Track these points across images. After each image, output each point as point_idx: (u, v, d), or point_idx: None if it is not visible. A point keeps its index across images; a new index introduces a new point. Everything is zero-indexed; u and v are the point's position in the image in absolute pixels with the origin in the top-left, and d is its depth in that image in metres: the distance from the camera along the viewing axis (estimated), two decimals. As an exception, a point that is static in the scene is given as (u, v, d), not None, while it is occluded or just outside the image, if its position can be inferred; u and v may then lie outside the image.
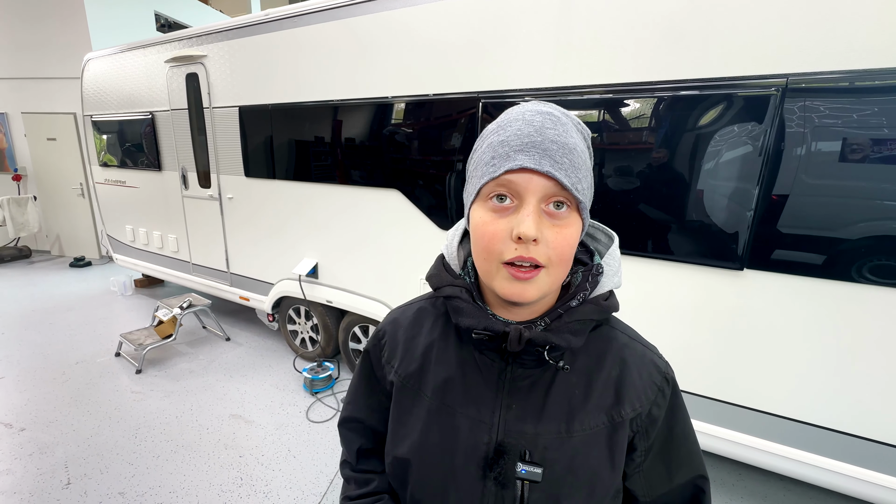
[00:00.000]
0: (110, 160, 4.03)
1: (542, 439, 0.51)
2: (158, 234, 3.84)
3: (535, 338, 0.49)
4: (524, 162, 0.44)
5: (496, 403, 0.52)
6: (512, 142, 0.46)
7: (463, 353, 0.56)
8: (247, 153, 2.95)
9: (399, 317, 0.63)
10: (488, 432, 0.52)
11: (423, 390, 0.56)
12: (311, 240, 2.83)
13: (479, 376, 0.54)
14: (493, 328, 0.50)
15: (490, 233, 0.46)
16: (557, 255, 0.46)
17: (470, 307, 0.52)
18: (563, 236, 0.46)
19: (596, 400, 0.52)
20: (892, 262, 1.36)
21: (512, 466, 0.50)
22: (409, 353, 0.59)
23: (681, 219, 1.66)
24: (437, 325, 0.59)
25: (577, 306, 0.51)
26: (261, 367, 3.17)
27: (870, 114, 1.32)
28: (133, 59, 3.47)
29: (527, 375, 0.53)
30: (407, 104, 2.22)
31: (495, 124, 0.50)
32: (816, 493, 2.03)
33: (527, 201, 0.45)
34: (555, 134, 0.45)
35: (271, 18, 2.57)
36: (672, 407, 0.55)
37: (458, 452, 0.52)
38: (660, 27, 1.57)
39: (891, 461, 1.48)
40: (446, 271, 0.56)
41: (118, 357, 3.25)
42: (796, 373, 1.57)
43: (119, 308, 4.25)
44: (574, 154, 0.46)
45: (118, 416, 2.57)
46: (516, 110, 0.49)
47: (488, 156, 0.47)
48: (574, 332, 0.50)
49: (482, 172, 0.48)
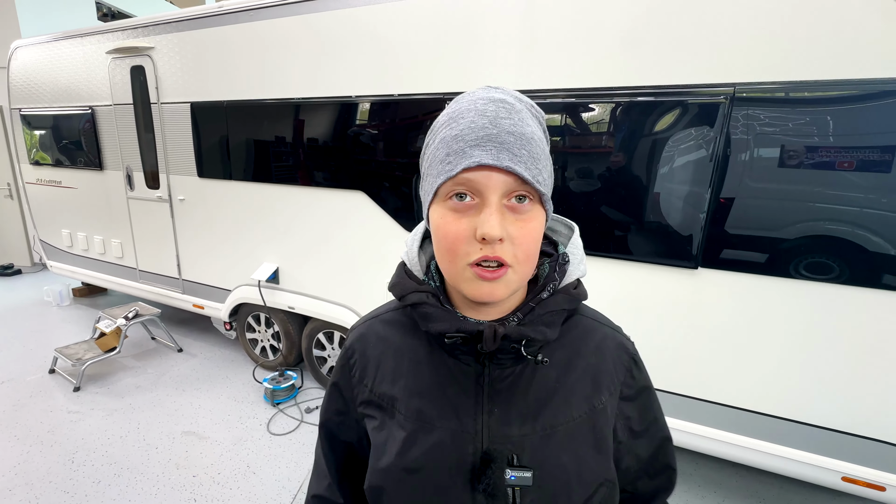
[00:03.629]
0: (43, 158, 3.69)
1: (529, 440, 0.49)
2: (100, 238, 3.55)
3: (510, 333, 0.47)
4: (482, 158, 0.41)
5: (477, 410, 0.50)
6: (466, 136, 0.43)
7: (435, 361, 0.53)
8: (200, 152, 2.78)
9: (366, 332, 0.59)
10: (472, 442, 0.49)
11: (398, 408, 0.53)
12: (271, 243, 2.71)
13: (456, 384, 0.51)
14: (465, 329, 0.48)
15: (453, 234, 0.44)
16: (524, 251, 0.44)
17: (439, 311, 0.50)
18: (527, 231, 0.44)
19: (576, 391, 0.51)
20: (826, 260, 1.48)
21: (500, 474, 0.47)
22: (381, 370, 0.56)
23: (639, 220, 1.73)
24: (407, 335, 0.56)
25: (548, 297, 0.50)
26: (217, 379, 2.99)
27: (803, 122, 1.43)
28: (70, 49, 3.19)
29: (505, 376, 0.51)
30: (372, 104, 2.18)
31: (446, 115, 0.47)
32: (767, 477, 2.17)
33: (488, 199, 0.43)
34: (510, 124, 0.43)
35: (226, 11, 2.44)
36: (640, 382, 0.56)
37: (442, 470, 0.49)
38: (618, 35, 1.63)
39: (833, 445, 1.60)
40: (409, 278, 0.53)
41: (53, 374, 2.97)
42: (747, 365, 1.67)
43: (54, 320, 3.88)
44: (532, 144, 0.43)
45: (52, 440, 2.33)
46: (466, 98, 0.46)
47: (442, 152, 0.44)
48: (548, 324, 0.49)
49: (438, 171, 0.45)
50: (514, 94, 0.47)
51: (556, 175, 1.68)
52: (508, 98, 0.45)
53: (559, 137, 1.80)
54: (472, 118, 0.43)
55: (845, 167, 1.40)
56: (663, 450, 0.59)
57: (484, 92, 0.46)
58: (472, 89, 0.48)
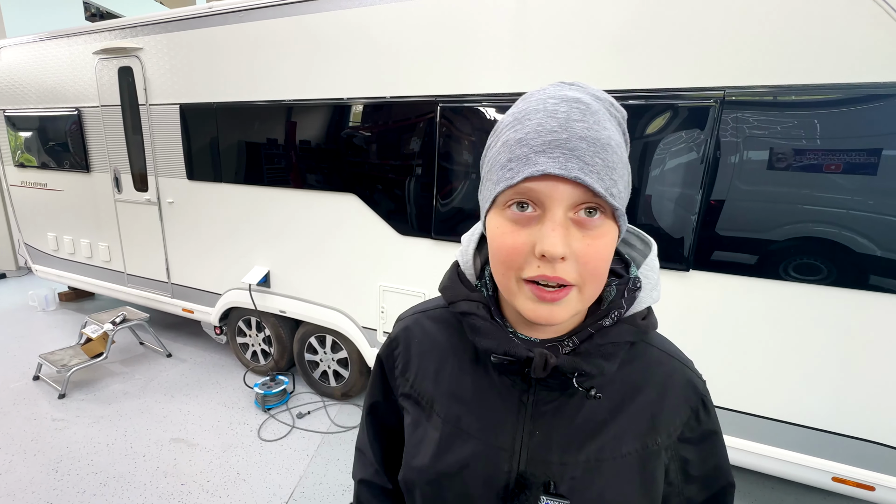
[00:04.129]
0: (29, 160, 3.62)
1: (570, 470, 0.46)
2: (87, 242, 3.49)
3: (562, 365, 0.43)
4: (547, 167, 0.37)
5: (517, 429, 0.48)
6: (531, 140, 0.38)
7: (480, 371, 0.50)
8: (190, 155, 2.75)
9: (412, 325, 0.58)
10: (509, 461, 0.47)
11: (437, 410, 0.51)
12: (262, 246, 2.68)
13: (499, 399, 0.49)
14: (514, 353, 0.44)
15: (509, 246, 0.41)
16: (590, 272, 0.40)
17: (488, 326, 0.47)
18: (595, 249, 0.39)
19: (629, 425, 0.47)
20: (815, 261, 1.49)
21: (534, 500, 0.45)
22: (423, 368, 0.54)
23: (631, 222, 1.73)
24: (453, 338, 0.53)
25: (611, 326, 0.45)
26: (207, 385, 2.94)
27: (792, 126, 1.44)
28: (57, 50, 3.13)
29: (551, 399, 0.47)
30: (364, 106, 2.16)
31: (511, 116, 0.42)
32: (759, 478, 2.18)
33: (552, 212, 0.39)
34: (584, 128, 0.38)
35: (217, 12, 2.42)
36: (706, 426, 0.50)
37: (474, 481, 0.48)
38: (609, 38, 1.63)
39: (823, 446, 1.61)
40: (461, 282, 0.50)
41: (37, 381, 2.90)
42: (738, 367, 1.68)
43: (40, 325, 3.80)
44: (608, 151, 0.38)
45: (35, 449, 2.27)
46: (536, 96, 0.41)
47: (504, 157, 0.40)
48: (606, 357, 0.44)
49: (498, 178, 0.41)
50: (591, 91, 0.42)
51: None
52: (584, 97, 0.40)
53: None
54: (540, 119, 0.39)
55: (832, 170, 1.42)
56: (721, 497, 0.53)
57: (556, 89, 0.41)
58: (544, 86, 0.43)
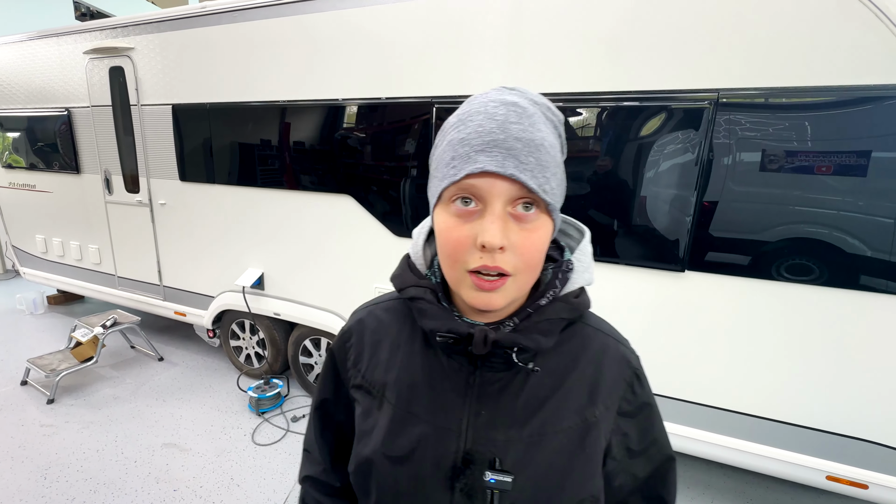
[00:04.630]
0: (16, 161, 3.56)
1: (513, 445, 0.49)
2: (76, 244, 3.43)
3: (501, 340, 0.47)
4: (486, 164, 0.41)
5: (464, 410, 0.50)
6: (472, 140, 0.42)
7: (430, 357, 0.53)
8: (182, 155, 2.71)
9: (365, 317, 0.61)
10: (456, 441, 0.50)
11: (388, 397, 0.54)
12: (256, 248, 2.65)
13: (447, 382, 0.52)
14: (457, 330, 0.48)
15: (454, 240, 0.44)
16: (525, 261, 0.44)
17: (434, 309, 0.50)
18: (531, 241, 0.44)
19: (568, 400, 0.50)
20: (808, 262, 1.51)
21: (480, 476, 0.48)
22: (375, 357, 0.57)
23: (627, 224, 1.74)
24: (405, 327, 0.56)
25: (547, 305, 0.49)
26: (199, 389, 2.90)
27: (785, 127, 1.45)
28: (46, 49, 3.09)
29: (496, 379, 0.50)
30: (359, 107, 2.15)
31: (455, 117, 0.46)
32: (755, 477, 2.19)
33: (492, 206, 0.42)
34: (520, 129, 0.42)
35: (210, 11, 2.40)
36: (641, 398, 0.54)
37: (424, 462, 0.50)
38: (604, 40, 1.64)
39: (818, 445, 1.62)
40: (411, 271, 0.54)
41: (25, 386, 2.84)
42: (734, 367, 1.69)
43: (27, 329, 3.73)
44: (541, 151, 0.43)
45: (23, 456, 2.23)
46: (478, 100, 0.45)
47: (448, 155, 0.44)
48: (544, 333, 0.48)
49: (442, 174, 0.45)
50: (529, 95, 0.46)
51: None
52: (522, 101, 0.44)
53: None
54: (481, 121, 0.43)
55: (824, 171, 1.43)
56: (663, 471, 0.56)
57: (497, 93, 0.45)
58: (487, 90, 0.46)
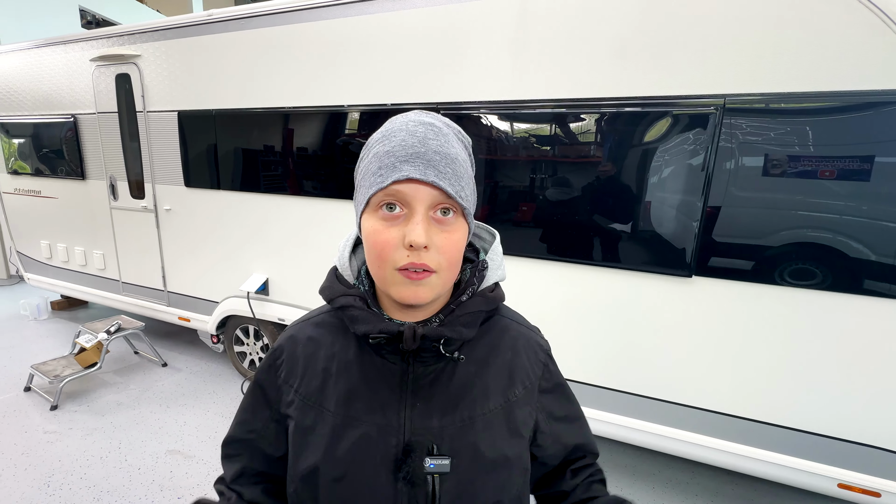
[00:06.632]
0: (22, 167, 3.58)
1: (448, 430, 0.53)
2: (81, 249, 3.44)
3: (429, 334, 0.51)
4: (410, 172, 0.46)
5: (401, 405, 0.54)
6: (397, 152, 0.48)
7: (364, 361, 0.56)
8: (187, 161, 2.73)
9: (297, 333, 0.62)
10: (396, 435, 0.53)
11: (326, 406, 0.56)
12: (260, 254, 2.65)
13: (383, 382, 0.55)
14: (388, 330, 0.52)
15: (382, 241, 0.48)
16: (447, 259, 0.49)
17: (365, 314, 0.54)
18: (451, 241, 0.49)
19: (492, 383, 0.56)
20: (814, 267, 1.50)
21: (420, 463, 0.51)
22: (310, 369, 0.58)
23: (634, 229, 1.73)
24: (337, 338, 0.59)
25: (467, 300, 0.55)
26: (203, 395, 2.89)
27: (792, 132, 1.45)
28: (52, 57, 3.11)
29: (428, 372, 0.55)
30: (362, 114, 2.17)
31: (380, 134, 0.52)
32: (763, 484, 2.17)
33: (416, 210, 0.48)
34: (437, 145, 0.48)
35: (216, 19, 2.42)
36: (556, 378, 0.62)
37: (368, 462, 0.53)
38: (610, 46, 1.64)
39: (829, 452, 1.60)
40: (339, 282, 0.58)
41: (28, 392, 2.84)
42: (742, 372, 1.67)
43: (31, 335, 3.73)
44: (456, 164, 0.49)
45: (26, 463, 2.22)
46: (399, 120, 0.51)
47: (375, 166, 0.49)
48: (466, 325, 0.53)
49: (370, 182, 0.49)
50: (442, 119, 0.53)
51: (549, 184, 1.64)
52: (437, 122, 0.51)
53: (549, 148, 1.82)
54: (403, 137, 0.48)
55: (828, 176, 1.43)
56: (579, 427, 0.65)
57: (415, 115, 0.52)
58: (405, 113, 0.53)
